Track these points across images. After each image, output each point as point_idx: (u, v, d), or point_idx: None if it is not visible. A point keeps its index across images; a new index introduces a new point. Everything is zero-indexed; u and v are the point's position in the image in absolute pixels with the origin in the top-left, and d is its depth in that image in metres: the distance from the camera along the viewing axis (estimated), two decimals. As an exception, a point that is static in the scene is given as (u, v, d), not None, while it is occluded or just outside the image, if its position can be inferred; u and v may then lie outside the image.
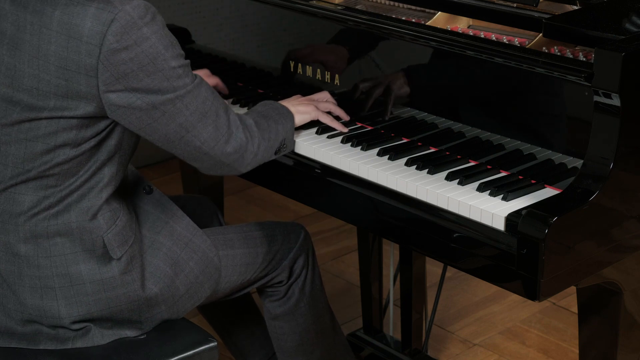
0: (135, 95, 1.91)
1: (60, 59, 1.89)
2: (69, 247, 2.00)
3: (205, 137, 2.01)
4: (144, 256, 2.08)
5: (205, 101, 1.99)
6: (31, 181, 1.97)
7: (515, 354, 3.13)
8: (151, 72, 1.90)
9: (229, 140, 2.04)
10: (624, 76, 1.83)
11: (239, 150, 2.06)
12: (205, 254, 2.17)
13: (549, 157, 2.03)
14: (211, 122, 2.00)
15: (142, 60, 1.89)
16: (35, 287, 2.01)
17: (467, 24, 2.34)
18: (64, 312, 2.02)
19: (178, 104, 1.95)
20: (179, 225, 2.16)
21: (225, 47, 2.71)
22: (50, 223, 1.99)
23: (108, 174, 2.01)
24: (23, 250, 2.00)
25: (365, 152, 2.20)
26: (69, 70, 1.89)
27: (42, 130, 1.94)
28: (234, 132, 2.05)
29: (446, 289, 3.47)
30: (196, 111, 1.98)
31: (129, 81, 1.89)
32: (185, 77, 1.95)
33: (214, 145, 2.02)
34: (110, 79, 1.88)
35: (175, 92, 1.94)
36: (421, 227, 2.03)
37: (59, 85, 1.90)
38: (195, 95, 1.97)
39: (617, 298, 2.04)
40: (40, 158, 1.95)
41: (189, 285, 2.14)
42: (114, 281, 2.03)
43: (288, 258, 2.34)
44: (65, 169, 1.97)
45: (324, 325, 2.45)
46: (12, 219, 2.00)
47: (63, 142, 1.94)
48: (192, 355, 2.09)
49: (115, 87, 1.89)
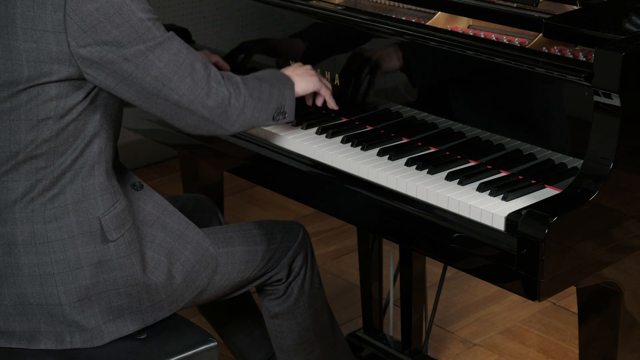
0: (105, 49, 1.91)
1: (26, 20, 1.90)
2: (66, 231, 2.00)
3: (184, 90, 2.00)
4: (141, 244, 2.09)
5: (178, 53, 1.99)
6: (21, 165, 1.97)
7: (515, 354, 3.13)
8: (119, 24, 1.90)
9: (209, 93, 2.02)
10: (624, 76, 1.83)
11: (221, 105, 2.05)
12: (199, 244, 2.17)
13: (549, 157, 2.03)
14: (187, 75, 2.00)
15: (108, 10, 1.89)
16: (35, 274, 2.01)
17: (467, 24, 2.34)
18: (64, 298, 2.02)
19: (150, 56, 1.95)
20: (170, 219, 2.17)
21: (225, 47, 2.71)
22: (47, 207, 1.99)
23: (97, 149, 2.01)
24: (20, 238, 2.00)
25: (365, 152, 2.21)
26: (36, 30, 1.89)
27: (23, 107, 1.94)
28: (214, 85, 2.03)
29: (446, 289, 3.48)
30: (170, 63, 1.97)
31: (97, 34, 1.90)
32: (156, 30, 1.96)
33: (193, 99, 2.01)
34: (78, 31, 1.89)
35: (145, 43, 1.94)
36: (421, 227, 2.03)
37: (29, 50, 1.91)
38: (166, 47, 1.97)
39: (617, 298, 2.04)
40: (26, 137, 1.95)
41: (185, 274, 2.14)
42: (111, 263, 2.03)
43: (287, 256, 2.34)
44: (52, 147, 1.97)
45: (323, 324, 2.45)
46: (8, 208, 2.00)
47: (45, 115, 1.94)
48: (192, 355, 2.09)
49: (85, 40, 1.90)
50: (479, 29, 2.30)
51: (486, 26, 2.30)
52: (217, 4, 2.71)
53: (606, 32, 1.96)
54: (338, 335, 2.53)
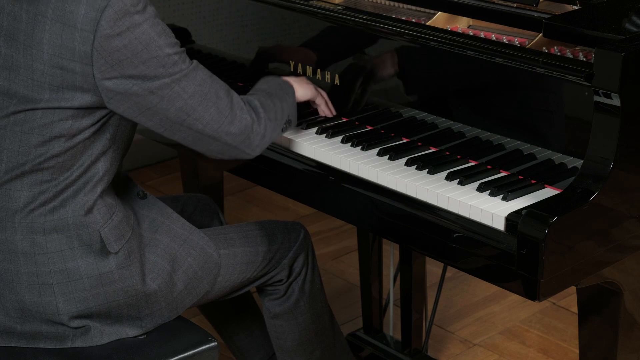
0: (131, 82, 1.91)
1: (54, 47, 1.90)
2: (65, 242, 2.00)
3: (208, 119, 2.00)
4: (142, 253, 2.09)
5: (203, 83, 1.99)
6: (26, 176, 1.97)
7: (515, 354, 3.13)
8: (146, 59, 1.91)
9: (232, 121, 2.03)
10: (624, 76, 1.83)
11: (244, 132, 2.05)
12: (204, 249, 2.17)
13: (549, 157, 2.03)
14: (212, 104, 2.00)
15: (136, 46, 1.89)
16: (33, 284, 2.01)
17: (467, 24, 2.34)
18: (63, 308, 2.02)
19: (175, 88, 1.95)
20: (175, 225, 2.17)
21: (225, 47, 2.71)
22: (47, 219, 1.99)
23: (102, 168, 2.01)
24: (20, 247, 2.00)
25: (365, 152, 2.20)
26: (63, 59, 1.89)
27: (38, 121, 1.94)
28: (238, 113, 2.04)
29: (446, 289, 3.47)
30: (195, 94, 1.98)
31: (124, 68, 1.90)
32: (182, 63, 1.96)
33: (218, 128, 2.02)
34: (104, 66, 1.89)
35: (171, 76, 1.94)
36: (421, 227, 2.03)
37: (54, 75, 1.91)
38: (192, 78, 1.98)
39: (617, 298, 2.04)
40: (35, 150, 1.96)
41: (187, 281, 2.14)
42: (111, 275, 2.03)
43: (288, 257, 2.34)
44: (60, 162, 1.97)
45: (324, 325, 2.45)
46: (8, 216, 2.00)
47: (58, 134, 1.95)
48: (192, 355, 2.09)
49: (111, 74, 1.90)
50: (479, 29, 2.30)
51: (486, 26, 2.30)
52: (217, 4, 2.71)
53: (606, 32, 1.95)
54: (338, 336, 2.53)
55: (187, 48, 2.80)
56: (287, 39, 2.54)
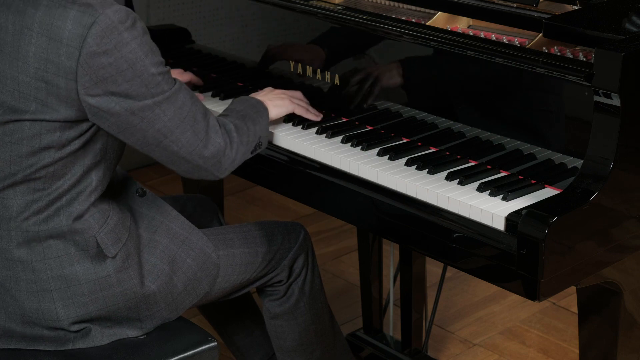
0: (113, 100, 1.91)
1: (39, 61, 1.89)
2: (62, 248, 2.00)
3: (183, 142, 2.01)
4: (141, 254, 2.09)
5: (182, 107, 2.00)
6: (18, 185, 1.97)
7: (515, 354, 3.13)
8: (130, 78, 1.90)
9: (207, 145, 2.04)
10: (624, 76, 1.83)
11: (216, 155, 2.06)
12: (203, 250, 2.17)
13: (549, 157, 2.03)
14: (189, 128, 2.01)
15: (121, 65, 1.89)
16: (32, 290, 2.01)
17: (467, 24, 2.34)
18: (62, 313, 2.02)
19: (156, 110, 1.96)
20: (174, 224, 2.17)
21: (225, 47, 2.71)
22: (41, 228, 1.99)
23: (95, 178, 2.01)
24: (17, 255, 2.00)
25: (365, 152, 2.20)
26: (48, 73, 1.89)
27: (26, 132, 1.94)
28: (212, 136, 2.05)
29: (446, 289, 3.47)
30: (174, 117, 1.98)
31: (107, 85, 1.90)
32: (165, 84, 1.96)
33: (192, 150, 2.03)
34: (89, 82, 1.89)
35: (153, 98, 1.94)
36: (421, 227, 2.03)
37: (39, 88, 1.90)
38: (173, 101, 1.98)
39: (617, 298, 2.04)
40: (26, 160, 1.96)
41: (187, 282, 2.14)
42: (110, 279, 2.03)
43: (288, 257, 2.34)
44: (51, 171, 1.97)
45: (324, 325, 2.45)
46: (3, 224, 2.00)
47: (47, 145, 1.95)
48: (192, 355, 2.09)
49: (94, 91, 1.90)
50: (479, 29, 2.30)
51: (486, 26, 2.30)
52: (217, 4, 2.71)
53: (606, 32, 1.95)
54: (338, 336, 2.53)
55: (187, 48, 2.80)
56: (287, 39, 2.54)
